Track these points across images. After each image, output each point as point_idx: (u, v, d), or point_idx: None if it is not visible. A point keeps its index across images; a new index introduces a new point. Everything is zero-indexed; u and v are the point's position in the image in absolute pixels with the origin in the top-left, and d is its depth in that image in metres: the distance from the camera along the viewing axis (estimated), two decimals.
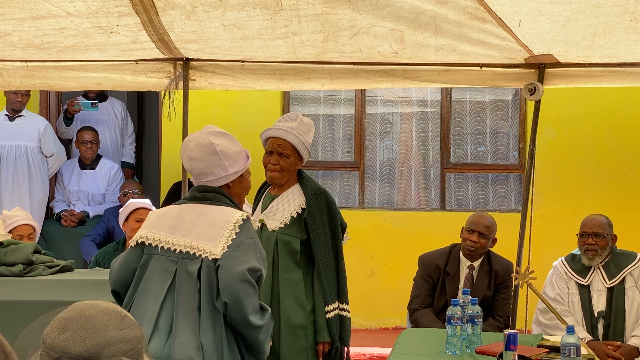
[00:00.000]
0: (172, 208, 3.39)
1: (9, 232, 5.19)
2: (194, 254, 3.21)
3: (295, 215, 4.05)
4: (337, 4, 4.24)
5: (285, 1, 4.23)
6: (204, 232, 3.23)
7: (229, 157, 3.33)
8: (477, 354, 3.82)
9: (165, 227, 3.30)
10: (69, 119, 7.28)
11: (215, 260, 3.17)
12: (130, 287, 3.33)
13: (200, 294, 3.18)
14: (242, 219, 3.22)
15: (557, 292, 4.86)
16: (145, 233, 3.33)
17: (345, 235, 4.15)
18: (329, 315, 3.99)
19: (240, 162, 3.37)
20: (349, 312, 4.08)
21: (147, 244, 3.32)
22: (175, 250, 3.24)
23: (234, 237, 3.18)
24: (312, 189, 4.05)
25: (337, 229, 4.06)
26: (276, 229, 4.06)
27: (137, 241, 3.34)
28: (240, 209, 3.34)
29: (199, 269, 3.19)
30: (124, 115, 7.58)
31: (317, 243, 4.01)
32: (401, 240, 6.96)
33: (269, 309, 3.30)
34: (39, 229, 5.53)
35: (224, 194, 3.34)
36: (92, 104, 7.11)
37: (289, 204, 4.07)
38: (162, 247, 3.27)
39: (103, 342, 1.64)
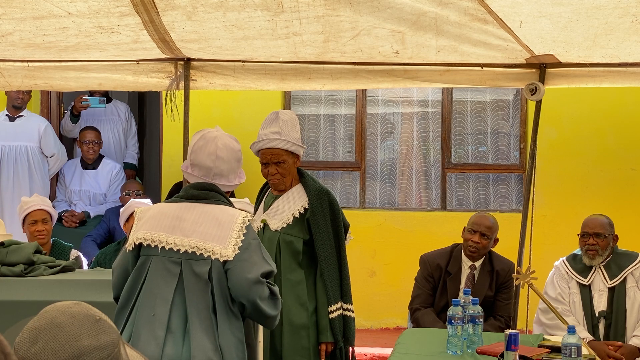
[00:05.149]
0: (167, 207, 3.26)
1: (24, 218, 5.26)
2: (201, 254, 3.12)
3: (297, 215, 4.05)
4: (338, 6, 4.24)
5: (286, 3, 4.23)
6: (210, 232, 3.14)
7: (241, 167, 3.37)
8: (478, 354, 3.82)
9: (164, 226, 3.18)
10: (75, 117, 7.28)
11: (225, 262, 3.11)
12: (125, 288, 3.21)
13: (213, 295, 3.10)
14: (248, 219, 3.19)
15: (558, 292, 4.86)
16: (142, 234, 3.20)
17: (347, 235, 4.15)
18: (332, 316, 3.99)
19: (242, 173, 3.42)
20: (353, 312, 4.08)
21: (144, 245, 3.19)
22: (178, 250, 3.14)
23: (243, 238, 3.13)
24: (315, 189, 4.04)
25: (339, 229, 4.06)
26: (279, 229, 4.05)
27: (134, 243, 3.22)
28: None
29: (209, 271, 3.11)
30: (128, 117, 7.59)
31: (319, 243, 4.00)
32: (402, 240, 6.96)
33: (276, 287, 3.24)
34: (55, 214, 5.51)
35: (222, 193, 3.29)
36: (99, 100, 7.14)
37: (291, 204, 4.07)
38: (163, 247, 3.15)
39: (77, 352, 1.57)
